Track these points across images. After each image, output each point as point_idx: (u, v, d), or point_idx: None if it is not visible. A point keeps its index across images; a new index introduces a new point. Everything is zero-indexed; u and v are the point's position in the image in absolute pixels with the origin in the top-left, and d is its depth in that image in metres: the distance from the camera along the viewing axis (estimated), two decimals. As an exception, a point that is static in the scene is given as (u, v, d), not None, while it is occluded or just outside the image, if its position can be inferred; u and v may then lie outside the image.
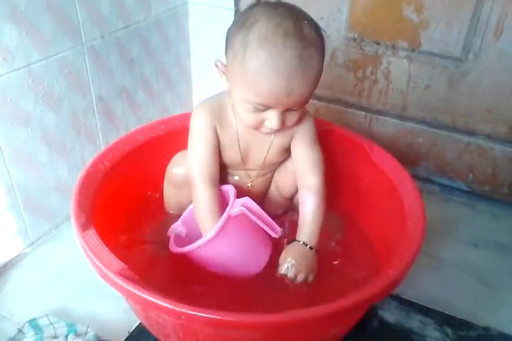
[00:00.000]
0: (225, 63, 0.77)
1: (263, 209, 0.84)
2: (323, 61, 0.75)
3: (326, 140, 1.01)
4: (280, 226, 0.84)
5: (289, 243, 0.83)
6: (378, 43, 1.16)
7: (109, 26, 1.02)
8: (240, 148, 0.86)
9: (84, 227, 0.73)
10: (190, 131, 0.85)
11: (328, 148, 0.99)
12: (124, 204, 0.91)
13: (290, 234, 0.87)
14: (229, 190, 0.85)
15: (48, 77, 0.91)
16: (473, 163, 1.19)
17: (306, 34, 0.71)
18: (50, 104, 0.93)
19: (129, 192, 0.93)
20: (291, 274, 0.78)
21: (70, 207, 0.76)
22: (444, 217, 1.16)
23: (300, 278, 0.78)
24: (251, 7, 0.76)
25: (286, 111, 0.75)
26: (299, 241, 0.82)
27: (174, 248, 0.81)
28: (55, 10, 0.88)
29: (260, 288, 0.82)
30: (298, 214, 0.87)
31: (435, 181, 1.26)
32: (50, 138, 0.96)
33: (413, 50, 1.14)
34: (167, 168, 0.93)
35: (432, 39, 1.10)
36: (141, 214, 0.94)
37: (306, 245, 0.81)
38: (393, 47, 1.15)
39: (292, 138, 0.86)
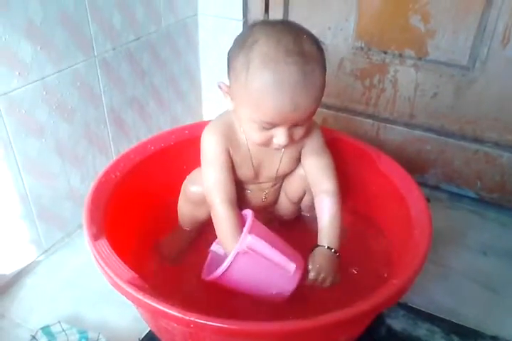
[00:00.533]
0: (228, 84, 0.78)
1: (275, 216, 0.86)
2: (325, 74, 0.76)
3: (333, 148, 1.02)
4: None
5: (312, 248, 0.84)
6: (385, 52, 1.18)
7: (120, 38, 1.04)
8: (253, 165, 0.87)
9: (95, 237, 0.75)
10: (202, 154, 0.85)
11: (335, 157, 1.00)
12: (134, 214, 0.92)
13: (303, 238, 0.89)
14: (247, 214, 0.83)
15: (62, 90, 0.94)
16: (481, 171, 1.20)
17: (306, 49, 0.72)
18: (63, 115, 0.96)
19: (139, 202, 0.94)
20: (320, 280, 0.79)
21: (82, 217, 0.78)
22: (452, 224, 1.16)
23: (329, 281, 0.79)
24: (250, 27, 0.76)
25: (293, 126, 0.76)
26: (324, 246, 0.82)
27: (207, 276, 0.80)
28: (69, 24, 0.91)
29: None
30: (316, 220, 0.87)
31: (443, 188, 1.26)
32: (63, 148, 0.98)
33: (420, 59, 1.15)
34: (183, 185, 0.93)
35: (439, 48, 1.11)
36: (152, 223, 0.96)
37: (331, 249, 0.82)
38: (400, 55, 1.16)
39: (302, 148, 0.88)
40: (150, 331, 0.87)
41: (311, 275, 0.79)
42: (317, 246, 0.83)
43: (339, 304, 0.66)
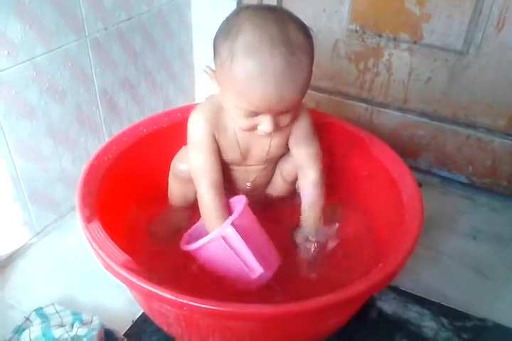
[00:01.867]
0: (214, 69, 0.77)
1: (266, 195, 0.89)
2: (312, 63, 0.74)
3: (325, 132, 1.02)
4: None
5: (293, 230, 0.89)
6: (380, 35, 1.17)
7: (112, 18, 1.02)
8: (240, 149, 0.87)
9: (88, 219, 0.75)
10: (188, 137, 0.85)
11: (327, 141, 1.00)
12: (127, 196, 0.92)
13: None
14: (240, 201, 0.83)
15: (52, 70, 0.92)
16: (473, 156, 1.20)
17: (293, 38, 0.70)
18: (54, 97, 0.94)
19: (132, 185, 0.94)
20: (311, 254, 0.82)
21: (75, 199, 0.78)
22: (443, 209, 1.17)
23: (317, 258, 0.82)
24: (236, 13, 0.74)
25: (278, 114, 0.76)
26: (306, 229, 0.87)
27: (183, 246, 0.83)
28: (59, 3, 0.89)
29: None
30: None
31: (435, 173, 1.27)
32: (54, 130, 0.97)
33: (415, 43, 1.14)
34: (172, 163, 0.93)
35: (434, 32, 1.10)
36: (145, 205, 0.95)
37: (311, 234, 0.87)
38: (395, 39, 1.16)
39: (290, 132, 0.87)
40: (143, 313, 0.87)
41: (303, 251, 0.82)
42: (301, 227, 0.89)
43: (329, 287, 0.66)
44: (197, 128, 0.84)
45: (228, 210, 0.84)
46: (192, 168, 0.85)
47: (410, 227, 0.78)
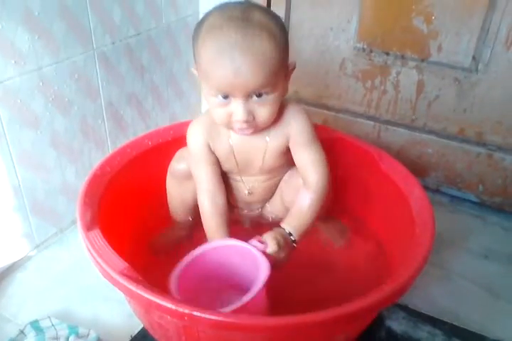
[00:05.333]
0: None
1: (263, 214, 0.89)
2: (280, 46, 0.72)
3: (335, 148, 1.01)
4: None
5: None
6: (387, 53, 1.17)
7: (120, 33, 1.03)
8: (235, 159, 0.86)
9: (89, 227, 0.73)
10: (188, 148, 0.87)
11: (337, 156, 0.99)
12: (129, 207, 0.91)
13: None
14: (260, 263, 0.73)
15: (59, 81, 0.92)
16: (483, 174, 1.18)
17: (253, 17, 0.71)
18: (59, 108, 0.94)
19: (134, 196, 0.93)
20: (277, 255, 0.75)
21: (76, 207, 0.76)
22: (453, 228, 1.14)
23: (283, 257, 0.76)
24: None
25: (249, 98, 0.73)
26: (285, 229, 0.80)
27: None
28: (68, 15, 0.90)
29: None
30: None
31: (445, 192, 1.24)
32: (58, 141, 0.96)
33: (422, 61, 1.14)
34: (169, 166, 0.93)
35: (442, 49, 1.10)
36: (147, 218, 0.94)
37: (291, 235, 0.80)
38: (402, 57, 1.15)
39: (288, 139, 0.84)
40: (143, 328, 0.84)
41: (272, 247, 0.74)
42: (279, 227, 0.81)
43: (339, 301, 0.64)
44: (193, 140, 0.85)
45: (227, 219, 0.85)
46: (194, 177, 0.87)
47: (421, 240, 0.76)
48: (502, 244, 1.11)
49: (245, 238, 0.76)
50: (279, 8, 1.22)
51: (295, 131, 0.83)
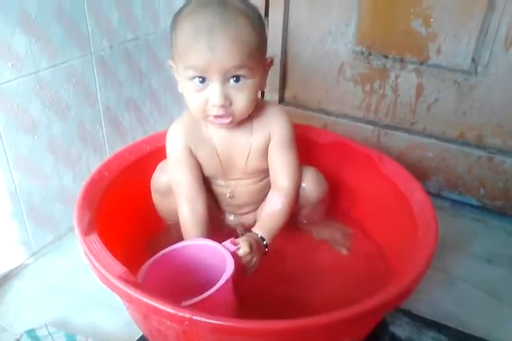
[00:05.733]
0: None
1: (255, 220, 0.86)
2: (256, 31, 0.74)
3: (335, 152, 1.01)
4: None
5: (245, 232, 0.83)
6: (386, 57, 1.16)
7: (118, 37, 1.02)
8: (220, 161, 0.85)
9: (86, 232, 0.72)
10: (166, 153, 0.85)
11: (337, 160, 0.99)
12: (127, 212, 0.89)
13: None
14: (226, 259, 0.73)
15: (56, 85, 0.91)
16: (484, 178, 1.17)
17: (231, 3, 0.73)
18: (57, 112, 0.93)
19: (132, 201, 0.92)
20: (249, 257, 0.75)
21: (74, 210, 0.75)
22: (455, 232, 1.13)
23: (254, 263, 0.76)
24: None
25: (226, 81, 0.73)
26: (257, 234, 0.80)
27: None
28: (65, 18, 0.89)
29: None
30: (314, 225, 0.90)
31: (446, 196, 1.23)
32: (55, 146, 0.95)
33: (421, 64, 1.13)
34: (152, 178, 0.91)
35: (441, 52, 1.10)
36: (144, 222, 0.93)
37: (263, 240, 0.80)
38: (401, 60, 1.15)
39: (269, 140, 0.84)
40: (142, 336, 0.82)
41: (243, 249, 0.74)
42: (251, 232, 0.82)
43: (341, 304, 0.62)
44: (172, 142, 0.84)
45: (206, 226, 0.83)
46: (171, 181, 0.85)
47: (425, 243, 0.75)
48: (505, 247, 1.09)
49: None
50: (277, 12, 1.22)
51: (276, 131, 0.84)
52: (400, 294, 0.65)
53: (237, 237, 0.78)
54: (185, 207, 0.83)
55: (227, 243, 0.75)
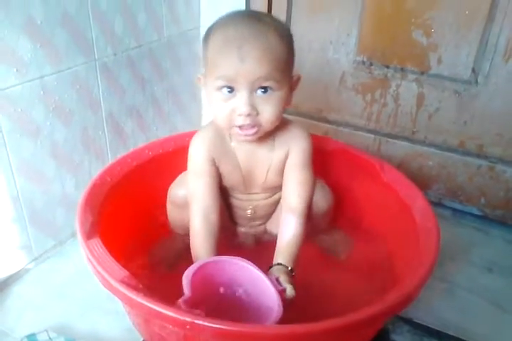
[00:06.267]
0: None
1: (266, 231, 0.91)
2: (286, 46, 0.76)
3: (337, 159, 1.01)
4: None
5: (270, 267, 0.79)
6: (387, 67, 1.17)
7: (121, 44, 1.03)
8: (241, 172, 0.85)
9: (88, 236, 0.72)
10: (188, 163, 0.85)
11: (339, 167, 0.99)
12: (129, 217, 0.89)
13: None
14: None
15: (60, 91, 0.92)
16: (485, 187, 1.17)
17: (262, 18, 0.76)
18: (60, 118, 0.94)
19: (134, 207, 0.92)
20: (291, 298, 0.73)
21: (76, 214, 0.75)
22: (456, 241, 1.13)
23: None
24: None
25: (253, 91, 0.74)
26: (287, 267, 0.78)
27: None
28: (70, 25, 0.90)
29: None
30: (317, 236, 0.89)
31: (446, 205, 1.23)
32: (58, 151, 0.95)
33: (422, 73, 1.14)
34: (169, 191, 0.91)
35: (441, 62, 1.11)
36: (146, 227, 0.93)
37: (288, 268, 0.78)
38: (402, 70, 1.16)
39: (288, 155, 0.85)
40: (142, 342, 0.82)
41: (290, 292, 0.72)
42: (278, 264, 0.79)
43: (341, 312, 0.62)
44: (196, 153, 0.83)
45: (217, 239, 0.81)
46: (189, 192, 0.85)
47: (426, 250, 0.75)
48: (506, 257, 1.09)
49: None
50: (279, 22, 1.23)
51: (295, 149, 0.84)
52: (400, 301, 0.65)
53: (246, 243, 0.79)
54: (199, 218, 0.82)
55: (273, 278, 0.72)
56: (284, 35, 0.76)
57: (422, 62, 1.13)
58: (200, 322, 0.59)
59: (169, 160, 0.98)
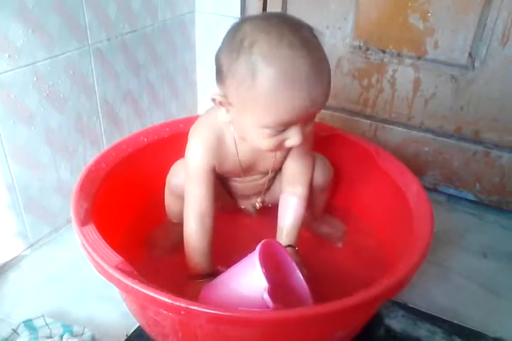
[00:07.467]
0: (222, 93, 0.71)
1: (264, 201, 0.95)
2: (328, 60, 0.71)
3: (333, 145, 1.01)
4: None
5: None
6: (384, 51, 1.16)
7: (115, 29, 1.02)
8: (242, 169, 0.86)
9: (83, 222, 0.72)
10: (186, 164, 0.82)
11: (335, 153, 0.99)
12: (124, 204, 0.90)
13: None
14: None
15: (53, 77, 0.91)
16: (481, 172, 1.17)
17: (307, 39, 0.66)
18: (54, 104, 0.93)
19: (130, 193, 0.92)
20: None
21: (71, 201, 0.75)
22: (451, 226, 1.13)
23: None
24: (239, 25, 0.68)
25: (307, 122, 0.70)
26: (295, 248, 0.85)
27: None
28: (63, 10, 0.89)
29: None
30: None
31: (442, 191, 1.24)
32: (53, 138, 0.95)
33: (419, 58, 1.13)
34: (167, 178, 0.91)
35: (438, 47, 1.10)
36: (143, 214, 0.93)
37: (294, 247, 0.85)
38: (399, 55, 1.15)
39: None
40: (138, 327, 0.83)
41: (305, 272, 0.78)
42: (288, 246, 0.84)
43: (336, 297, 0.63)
44: (195, 160, 0.81)
45: (212, 239, 0.82)
46: (185, 194, 0.83)
47: (420, 234, 0.75)
48: (500, 242, 1.10)
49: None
50: (274, 6, 1.22)
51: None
52: (394, 286, 0.65)
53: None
54: (194, 220, 0.81)
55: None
56: (323, 49, 0.70)
57: (419, 46, 1.12)
58: (195, 307, 0.59)
59: (164, 146, 0.98)
